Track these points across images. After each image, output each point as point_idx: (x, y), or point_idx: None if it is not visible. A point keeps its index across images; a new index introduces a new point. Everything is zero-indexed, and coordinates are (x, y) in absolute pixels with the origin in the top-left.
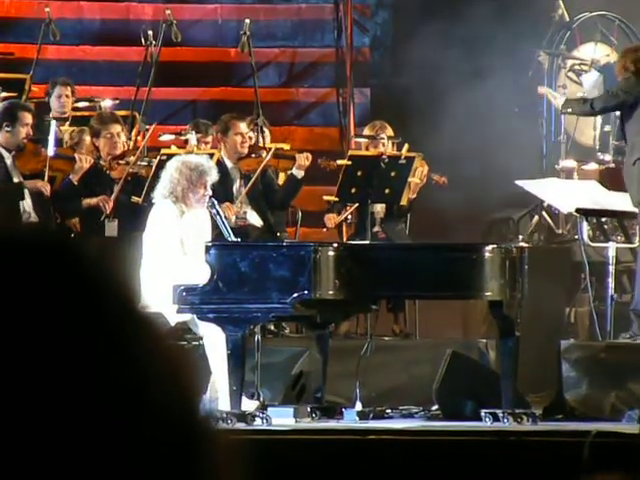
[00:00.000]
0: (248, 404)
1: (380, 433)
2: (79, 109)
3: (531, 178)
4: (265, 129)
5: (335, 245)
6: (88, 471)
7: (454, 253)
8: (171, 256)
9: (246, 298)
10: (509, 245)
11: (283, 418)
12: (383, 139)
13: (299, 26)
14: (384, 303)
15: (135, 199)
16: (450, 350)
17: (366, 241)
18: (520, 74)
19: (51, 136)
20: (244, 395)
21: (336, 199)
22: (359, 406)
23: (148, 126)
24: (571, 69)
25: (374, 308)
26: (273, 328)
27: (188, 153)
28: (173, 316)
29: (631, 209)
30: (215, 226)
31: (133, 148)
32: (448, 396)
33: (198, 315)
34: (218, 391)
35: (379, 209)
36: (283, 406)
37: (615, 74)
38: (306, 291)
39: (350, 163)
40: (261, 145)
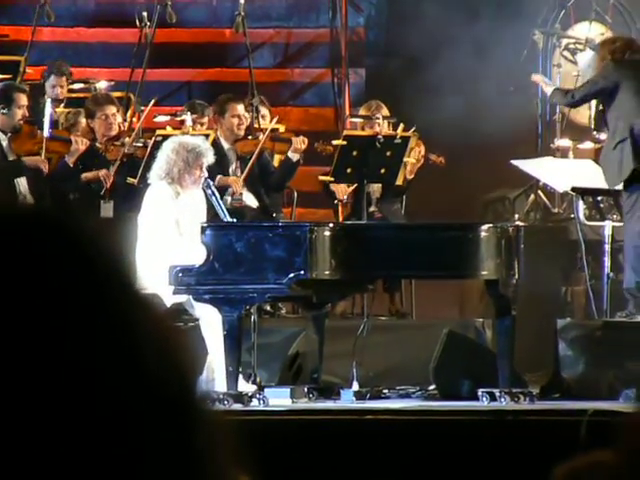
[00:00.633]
0: (245, 387)
1: (377, 413)
2: (74, 91)
3: (527, 157)
4: (264, 109)
5: (331, 225)
6: (85, 445)
7: (450, 232)
8: (167, 237)
9: (242, 279)
10: (505, 224)
11: (280, 399)
12: (378, 119)
13: (294, 6)
14: (380, 283)
15: (131, 180)
16: (447, 329)
17: (362, 221)
18: (516, 53)
19: (46, 118)
20: (241, 377)
21: (331, 179)
22: (356, 386)
23: (143, 107)
24: (566, 48)
25: (370, 288)
26: (269, 309)
27: (184, 134)
28: (169, 297)
29: None
30: (211, 207)
31: (128, 129)
32: (445, 376)
33: (194, 296)
34: (215, 372)
35: (375, 189)
36: (280, 387)
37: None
38: (302, 271)
39: (345, 143)
40: (259, 126)
